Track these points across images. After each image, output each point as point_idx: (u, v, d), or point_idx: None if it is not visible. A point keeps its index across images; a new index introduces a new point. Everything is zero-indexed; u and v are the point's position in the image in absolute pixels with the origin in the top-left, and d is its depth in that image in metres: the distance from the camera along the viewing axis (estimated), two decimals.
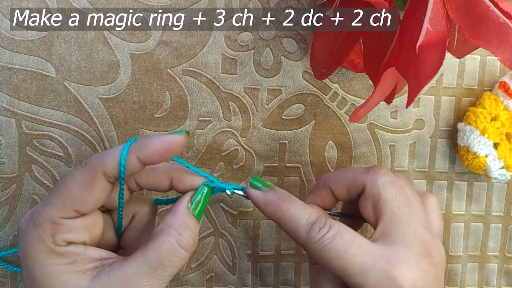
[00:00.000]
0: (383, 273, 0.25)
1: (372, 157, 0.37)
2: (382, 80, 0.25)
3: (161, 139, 0.24)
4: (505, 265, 0.40)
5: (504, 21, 0.22)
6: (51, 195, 0.24)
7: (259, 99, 0.35)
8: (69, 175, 0.24)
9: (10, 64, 0.32)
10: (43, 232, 0.23)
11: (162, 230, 0.25)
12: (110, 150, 0.25)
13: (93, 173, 0.24)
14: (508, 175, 0.36)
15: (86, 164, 0.24)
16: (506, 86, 0.35)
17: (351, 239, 0.26)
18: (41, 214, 0.24)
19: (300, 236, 0.27)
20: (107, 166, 0.24)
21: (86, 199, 0.24)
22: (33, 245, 0.23)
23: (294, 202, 0.28)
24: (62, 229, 0.24)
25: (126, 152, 0.24)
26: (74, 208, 0.24)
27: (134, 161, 0.24)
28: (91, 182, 0.24)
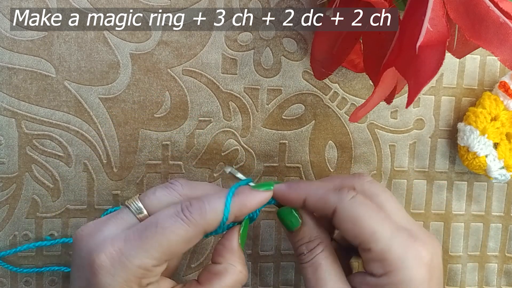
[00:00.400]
0: (408, 242, 0.26)
1: (372, 157, 0.37)
2: (382, 80, 0.25)
3: (258, 199, 0.27)
4: (505, 265, 0.40)
5: (504, 21, 0.22)
6: (146, 241, 0.24)
7: (259, 99, 0.35)
8: (170, 229, 0.24)
9: (10, 64, 0.32)
10: (133, 276, 0.24)
11: (227, 270, 0.27)
12: (210, 205, 0.26)
13: (196, 232, 0.25)
14: (508, 175, 0.36)
15: (188, 220, 0.25)
16: (506, 86, 0.35)
17: (377, 207, 0.28)
18: (134, 260, 0.24)
19: (330, 198, 0.28)
20: (209, 226, 0.26)
21: (182, 251, 0.26)
22: (118, 285, 0.24)
23: (312, 181, 0.30)
24: (151, 274, 0.24)
25: (228, 211, 0.26)
26: (168, 259, 0.25)
27: (231, 219, 0.27)
28: (193, 240, 0.25)
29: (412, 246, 0.26)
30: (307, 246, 0.29)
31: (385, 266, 0.26)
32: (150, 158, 0.34)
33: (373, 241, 0.26)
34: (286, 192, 0.29)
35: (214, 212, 0.25)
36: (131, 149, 0.34)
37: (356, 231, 0.27)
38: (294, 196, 0.29)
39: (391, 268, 0.26)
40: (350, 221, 0.27)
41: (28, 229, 0.34)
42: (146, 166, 0.34)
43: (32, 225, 0.34)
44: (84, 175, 0.34)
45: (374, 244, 0.26)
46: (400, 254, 0.26)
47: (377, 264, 0.26)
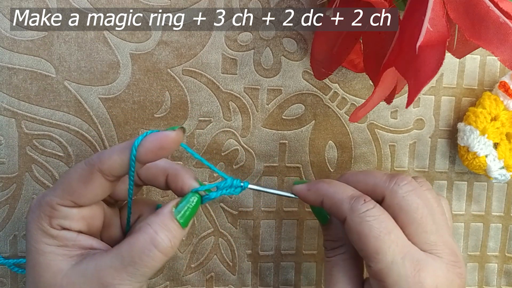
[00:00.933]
0: (410, 272, 0.25)
1: (372, 157, 0.37)
2: (382, 80, 0.25)
3: (153, 137, 0.24)
4: (505, 265, 0.40)
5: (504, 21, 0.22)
6: (56, 182, 0.26)
7: (259, 99, 0.35)
8: (73, 168, 0.26)
9: (10, 64, 0.32)
10: (43, 213, 0.25)
11: (140, 228, 0.25)
12: (109, 149, 0.25)
13: (91, 170, 0.25)
14: (508, 175, 0.36)
15: (87, 161, 0.25)
16: (506, 86, 0.35)
17: (393, 226, 0.26)
18: (44, 197, 0.25)
19: (343, 207, 0.27)
20: (103, 165, 0.25)
21: (82, 193, 0.25)
22: (34, 222, 0.25)
23: (337, 182, 0.29)
24: (58, 214, 0.25)
25: (136, 149, 0.24)
26: (71, 198, 0.25)
27: (128, 159, 0.25)
28: (87, 178, 0.25)
29: (414, 276, 0.25)
30: (330, 244, 0.30)
31: (381, 287, 0.26)
32: None
33: (373, 261, 0.26)
34: (306, 194, 0.29)
35: (109, 151, 0.25)
36: None
37: (360, 245, 0.26)
38: (312, 198, 0.29)
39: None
40: (356, 235, 0.26)
41: None
42: None
43: None
44: None
45: (374, 264, 0.26)
46: (397, 281, 0.25)
47: (375, 282, 0.26)
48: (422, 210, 0.27)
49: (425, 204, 0.27)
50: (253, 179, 0.36)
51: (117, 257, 0.24)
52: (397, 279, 0.25)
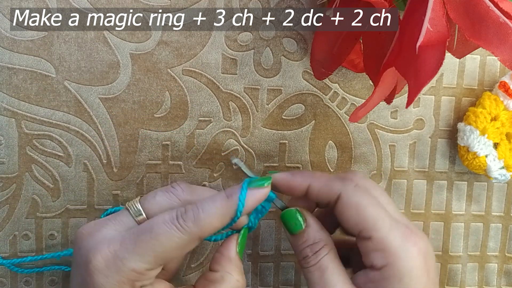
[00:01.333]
0: (406, 233, 0.27)
1: (372, 157, 0.37)
2: (382, 80, 0.25)
3: (252, 198, 0.27)
4: (505, 265, 0.40)
5: (504, 21, 0.22)
6: (140, 246, 0.24)
7: (259, 99, 0.35)
8: (165, 235, 0.25)
9: (10, 64, 0.32)
10: (126, 279, 0.24)
11: (223, 278, 0.27)
12: (204, 211, 0.26)
13: (190, 239, 0.25)
14: (508, 175, 0.36)
15: (182, 228, 0.25)
16: (506, 86, 0.35)
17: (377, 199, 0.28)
18: (127, 263, 0.24)
19: (335, 185, 0.28)
20: (204, 234, 0.25)
21: (177, 257, 0.26)
22: (112, 287, 0.24)
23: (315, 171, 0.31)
24: (144, 278, 0.25)
25: (240, 212, 0.26)
26: (164, 263, 0.25)
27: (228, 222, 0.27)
28: (186, 246, 0.25)
29: (410, 237, 0.27)
30: (311, 248, 0.28)
31: (386, 256, 0.26)
32: (150, 158, 0.34)
33: (374, 229, 0.26)
34: (290, 180, 0.29)
35: (208, 220, 0.25)
36: (131, 149, 0.34)
37: (359, 218, 0.27)
38: (297, 183, 0.29)
39: (391, 259, 0.26)
40: (353, 208, 0.27)
41: (28, 229, 0.34)
42: (146, 166, 0.34)
43: (32, 225, 0.34)
44: (84, 175, 0.34)
45: (375, 232, 0.26)
46: (400, 244, 0.26)
47: (378, 255, 0.26)
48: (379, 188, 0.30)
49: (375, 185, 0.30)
50: None
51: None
52: (399, 242, 0.26)
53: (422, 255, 0.26)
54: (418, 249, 0.26)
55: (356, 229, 0.27)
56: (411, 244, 0.26)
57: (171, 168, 0.35)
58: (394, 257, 0.26)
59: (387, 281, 0.26)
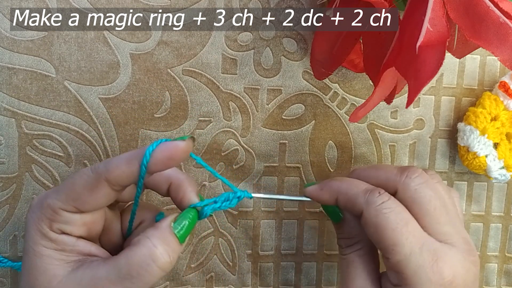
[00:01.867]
0: (428, 262, 0.25)
1: (372, 157, 0.37)
2: (382, 80, 0.25)
3: (163, 147, 0.24)
4: (505, 265, 0.40)
5: (504, 21, 0.22)
6: (60, 185, 0.26)
7: (259, 99, 0.35)
8: (79, 174, 0.25)
9: (10, 64, 0.32)
10: (44, 215, 0.25)
11: (139, 241, 0.25)
12: (116, 158, 0.25)
13: (97, 178, 0.24)
14: (508, 175, 0.36)
15: (93, 168, 0.25)
16: (506, 86, 0.35)
17: (409, 218, 0.27)
18: (46, 199, 0.25)
19: (358, 201, 0.27)
20: (110, 175, 0.24)
21: (87, 200, 0.25)
22: (33, 223, 0.25)
23: (348, 178, 0.30)
24: (59, 219, 0.25)
25: (147, 159, 0.24)
26: (74, 204, 0.25)
27: (138, 170, 0.24)
28: (93, 186, 0.25)
29: (432, 266, 0.25)
30: (345, 242, 0.29)
31: (400, 278, 0.26)
32: None
33: (391, 253, 0.26)
34: (319, 193, 0.29)
35: (116, 160, 0.25)
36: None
37: (377, 238, 0.26)
38: (326, 196, 0.29)
39: (405, 282, 0.26)
40: (373, 228, 0.26)
41: None
42: None
43: None
44: None
45: (392, 256, 0.26)
46: (416, 271, 0.25)
47: (393, 274, 0.27)
48: (434, 202, 0.27)
49: (437, 196, 0.27)
50: (253, 179, 0.36)
51: (114, 269, 0.24)
52: (415, 269, 0.25)
53: (444, 284, 0.25)
54: (440, 277, 0.25)
55: (377, 246, 0.27)
56: (432, 273, 0.25)
57: None
58: (407, 282, 0.26)
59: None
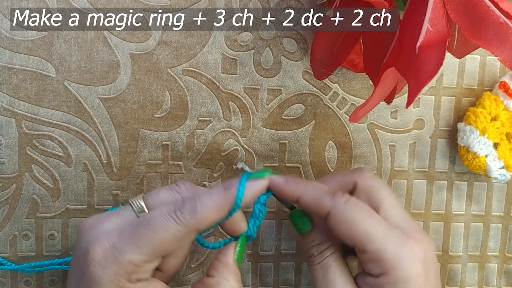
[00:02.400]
0: (401, 240, 0.27)
1: (372, 157, 0.37)
2: (382, 80, 0.25)
3: (250, 190, 0.26)
4: (505, 265, 0.40)
5: (504, 21, 0.22)
6: (138, 238, 0.25)
7: (259, 99, 0.35)
8: (161, 226, 0.25)
9: (10, 64, 0.32)
10: (123, 271, 0.24)
11: (219, 283, 0.26)
12: (201, 204, 0.25)
13: (187, 232, 0.25)
14: (508, 175, 0.36)
15: (179, 220, 0.25)
16: (506, 86, 0.35)
17: (371, 209, 0.28)
18: (125, 255, 0.24)
19: (324, 201, 0.28)
20: (201, 226, 0.25)
21: (174, 250, 0.26)
22: (110, 279, 0.24)
23: (309, 180, 0.31)
24: (141, 270, 0.25)
25: (239, 204, 0.26)
26: (161, 256, 0.25)
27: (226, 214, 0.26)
28: (183, 239, 0.25)
29: (405, 244, 0.27)
30: (317, 248, 0.30)
31: (381, 266, 0.27)
32: (150, 158, 0.34)
33: (367, 242, 0.27)
34: (282, 186, 0.29)
35: (205, 212, 0.25)
36: (131, 149, 0.34)
37: (350, 233, 0.27)
38: (289, 192, 0.29)
39: (387, 268, 0.26)
40: (344, 224, 0.27)
41: (28, 229, 0.34)
42: (146, 166, 0.34)
43: (32, 225, 0.34)
44: (84, 175, 0.34)
45: (369, 245, 0.27)
46: (394, 253, 0.26)
47: (374, 265, 0.27)
48: (386, 189, 0.30)
49: (385, 185, 0.31)
50: None
51: None
52: (393, 252, 0.26)
53: (419, 260, 0.27)
54: (414, 254, 0.27)
55: (350, 243, 0.28)
56: (407, 251, 0.27)
57: (171, 168, 0.35)
58: (389, 266, 0.26)
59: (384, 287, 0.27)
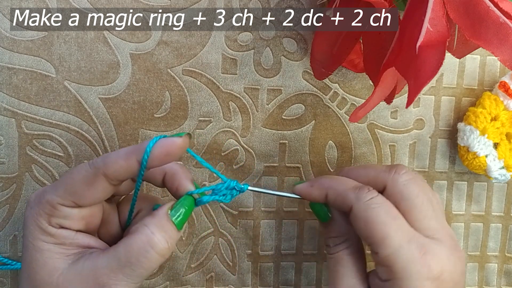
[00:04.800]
0: (416, 255, 0.26)
1: (372, 157, 0.37)
2: (382, 80, 0.25)
3: (160, 144, 0.25)
4: (505, 265, 0.40)
5: (504, 21, 0.22)
6: (59, 180, 0.26)
7: (259, 99, 0.35)
8: (77, 169, 0.25)
9: (10, 64, 0.32)
10: (42, 211, 0.25)
11: (137, 229, 0.25)
12: (114, 153, 0.25)
13: (95, 173, 0.25)
14: (508, 175, 0.36)
15: (92, 163, 0.25)
16: (506, 86, 0.35)
17: (397, 212, 0.27)
18: (44, 195, 0.25)
19: (348, 197, 0.28)
20: (108, 169, 0.25)
21: (85, 195, 0.25)
22: (32, 218, 0.25)
23: (338, 176, 0.30)
24: (58, 213, 0.25)
25: (147, 154, 0.24)
26: (72, 199, 0.25)
27: (135, 165, 0.25)
28: (91, 181, 0.25)
29: (420, 259, 0.26)
30: (333, 241, 0.30)
31: (390, 272, 0.26)
32: None
33: (382, 246, 0.26)
34: (309, 190, 0.30)
35: (114, 155, 0.25)
36: None
37: (367, 232, 0.27)
38: (316, 193, 0.29)
39: (395, 276, 0.26)
40: (363, 222, 0.27)
41: None
42: None
43: None
44: None
45: (382, 250, 0.26)
46: (406, 265, 0.26)
47: (383, 269, 0.27)
48: (422, 197, 0.28)
49: (424, 191, 0.28)
50: (253, 179, 0.36)
51: (114, 258, 0.25)
52: (405, 263, 0.26)
53: (431, 278, 0.26)
54: (428, 271, 0.26)
55: (366, 241, 0.28)
56: (420, 266, 0.26)
57: None
58: (397, 276, 0.26)
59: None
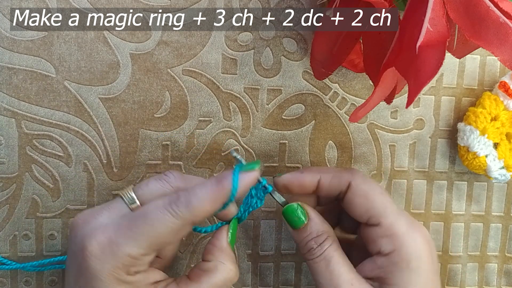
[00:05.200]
0: (410, 220, 0.29)
1: (372, 157, 0.37)
2: (382, 80, 0.25)
3: (243, 181, 0.26)
4: (505, 265, 0.40)
5: (504, 21, 0.22)
6: (135, 231, 0.25)
7: (259, 99, 0.35)
8: (158, 220, 0.25)
9: (10, 64, 0.32)
10: (121, 264, 0.24)
11: (216, 267, 0.27)
12: (195, 196, 0.26)
13: (183, 224, 0.25)
14: (508, 175, 0.36)
15: (175, 213, 0.25)
16: (506, 86, 0.35)
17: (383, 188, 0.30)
18: (123, 248, 0.24)
19: (344, 175, 0.30)
20: (196, 218, 0.26)
21: (171, 243, 0.27)
22: (108, 272, 0.24)
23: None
24: (139, 263, 0.25)
25: (235, 193, 0.26)
26: (158, 250, 0.26)
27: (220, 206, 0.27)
28: (180, 232, 0.26)
29: (414, 225, 0.28)
30: (316, 241, 0.29)
31: (394, 241, 0.27)
32: (150, 158, 0.34)
33: (383, 216, 0.28)
34: (300, 177, 0.30)
35: (200, 205, 0.25)
36: (131, 149, 0.34)
37: (368, 205, 0.28)
38: (308, 179, 0.30)
39: (399, 244, 0.27)
40: (363, 195, 0.28)
41: (28, 229, 0.34)
42: (146, 166, 0.34)
43: (32, 225, 0.34)
44: (84, 175, 0.34)
45: (384, 219, 0.28)
46: (406, 230, 0.28)
47: (386, 240, 0.28)
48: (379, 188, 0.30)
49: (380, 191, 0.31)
50: None
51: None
52: (407, 227, 0.28)
53: (426, 241, 0.28)
54: (423, 235, 0.28)
55: (365, 216, 0.28)
56: (416, 231, 0.28)
57: (171, 168, 0.35)
58: (401, 242, 0.27)
59: (395, 266, 0.27)
